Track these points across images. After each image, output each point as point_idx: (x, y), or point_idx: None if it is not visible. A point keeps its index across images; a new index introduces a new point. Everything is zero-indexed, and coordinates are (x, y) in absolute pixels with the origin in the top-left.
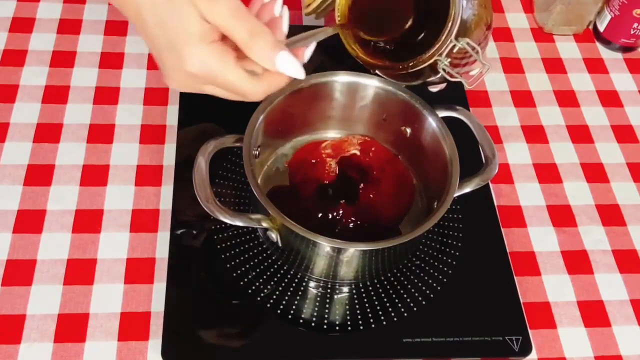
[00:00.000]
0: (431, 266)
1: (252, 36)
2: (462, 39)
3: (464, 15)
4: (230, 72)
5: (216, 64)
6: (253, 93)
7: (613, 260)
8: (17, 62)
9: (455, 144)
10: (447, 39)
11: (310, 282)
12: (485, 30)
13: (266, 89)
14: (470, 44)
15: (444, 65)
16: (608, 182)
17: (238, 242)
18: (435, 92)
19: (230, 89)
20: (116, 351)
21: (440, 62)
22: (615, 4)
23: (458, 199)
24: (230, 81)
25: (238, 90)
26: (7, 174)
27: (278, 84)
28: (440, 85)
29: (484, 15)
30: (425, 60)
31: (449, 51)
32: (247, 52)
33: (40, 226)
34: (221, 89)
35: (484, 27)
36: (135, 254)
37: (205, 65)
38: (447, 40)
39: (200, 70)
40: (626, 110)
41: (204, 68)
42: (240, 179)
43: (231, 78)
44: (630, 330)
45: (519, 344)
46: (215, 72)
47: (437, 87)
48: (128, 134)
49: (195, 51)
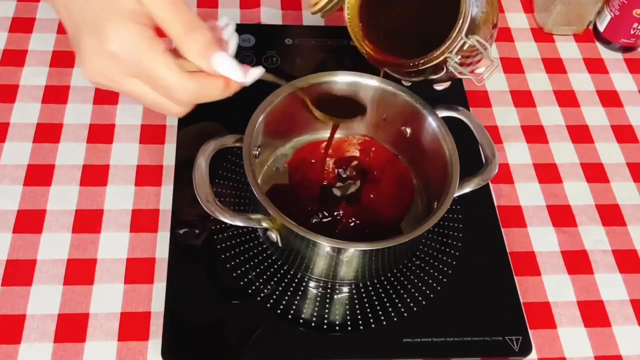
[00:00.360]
0: (431, 266)
1: (189, 30)
2: (472, 36)
3: (473, 12)
4: (158, 59)
5: (144, 45)
6: (181, 90)
7: (613, 260)
8: (17, 62)
9: (455, 144)
10: (458, 36)
11: (310, 282)
12: (491, 29)
13: (197, 89)
14: (480, 41)
15: (453, 62)
16: (608, 182)
17: (238, 242)
18: (440, 90)
19: (155, 82)
20: (116, 351)
21: (450, 59)
22: (615, 4)
23: (458, 199)
24: (157, 69)
25: (165, 82)
26: (7, 174)
27: (211, 87)
28: (446, 84)
29: (491, 13)
30: (436, 57)
31: (459, 49)
32: (180, 47)
33: (40, 226)
34: (144, 82)
35: (490, 26)
36: (135, 254)
37: (130, 45)
38: (458, 38)
39: (124, 50)
40: (626, 110)
41: (129, 48)
42: (240, 179)
43: (159, 65)
44: (630, 330)
45: (519, 344)
46: (140, 54)
47: (443, 85)
48: (128, 134)
49: (121, 28)
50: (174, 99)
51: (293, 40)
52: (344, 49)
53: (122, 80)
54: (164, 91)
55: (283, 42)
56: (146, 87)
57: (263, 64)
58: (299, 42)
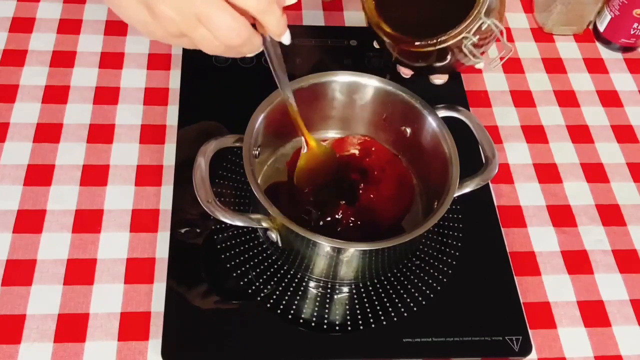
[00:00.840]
0: (431, 266)
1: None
2: (490, 18)
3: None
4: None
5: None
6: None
7: (613, 260)
8: (17, 62)
9: (455, 144)
10: (478, 16)
11: (310, 282)
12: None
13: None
14: (496, 24)
15: (470, 43)
16: (608, 182)
17: (238, 242)
18: (438, 84)
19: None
20: (116, 351)
21: (467, 39)
22: (615, 4)
23: (458, 199)
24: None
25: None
26: (7, 174)
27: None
28: (444, 77)
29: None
30: (455, 35)
31: (476, 29)
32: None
33: (40, 226)
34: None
35: (499, 16)
36: (135, 254)
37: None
38: (478, 17)
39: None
40: (626, 110)
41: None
42: (240, 179)
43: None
44: (630, 330)
45: (519, 344)
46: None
47: (441, 79)
48: (128, 134)
49: None
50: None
51: (293, 40)
52: (344, 49)
53: (200, 11)
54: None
55: None
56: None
57: (263, 64)
58: (299, 42)
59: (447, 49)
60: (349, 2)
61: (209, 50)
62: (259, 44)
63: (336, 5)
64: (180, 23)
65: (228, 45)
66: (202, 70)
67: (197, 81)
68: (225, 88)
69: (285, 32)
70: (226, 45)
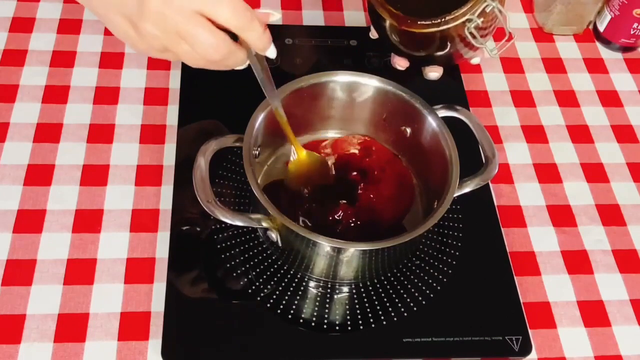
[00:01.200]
0: (431, 266)
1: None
2: (494, 1)
3: None
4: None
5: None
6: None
7: (613, 260)
8: (17, 62)
9: (455, 144)
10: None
11: (310, 282)
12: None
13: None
14: (499, 8)
15: (473, 25)
16: (608, 182)
17: (238, 242)
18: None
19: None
20: (116, 351)
21: (471, 22)
22: (615, 4)
23: (458, 199)
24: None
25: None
26: (7, 174)
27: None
28: (438, 71)
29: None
30: (460, 16)
31: (481, 11)
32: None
33: (40, 226)
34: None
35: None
36: (135, 254)
37: None
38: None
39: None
40: (626, 110)
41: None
42: (240, 179)
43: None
44: (630, 330)
45: (519, 344)
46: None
47: (436, 73)
48: (128, 134)
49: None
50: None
51: (293, 40)
52: (343, 49)
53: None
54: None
55: (283, 42)
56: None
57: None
58: (299, 42)
59: (447, 37)
60: (349, 2)
61: (193, 64)
62: (244, 58)
63: (336, 5)
64: (164, 39)
65: (209, 60)
66: (202, 70)
67: (197, 81)
68: (225, 88)
69: (269, 46)
70: (207, 60)
